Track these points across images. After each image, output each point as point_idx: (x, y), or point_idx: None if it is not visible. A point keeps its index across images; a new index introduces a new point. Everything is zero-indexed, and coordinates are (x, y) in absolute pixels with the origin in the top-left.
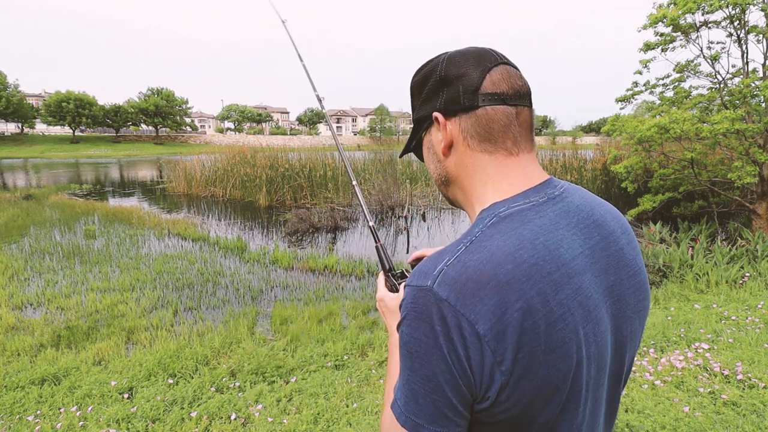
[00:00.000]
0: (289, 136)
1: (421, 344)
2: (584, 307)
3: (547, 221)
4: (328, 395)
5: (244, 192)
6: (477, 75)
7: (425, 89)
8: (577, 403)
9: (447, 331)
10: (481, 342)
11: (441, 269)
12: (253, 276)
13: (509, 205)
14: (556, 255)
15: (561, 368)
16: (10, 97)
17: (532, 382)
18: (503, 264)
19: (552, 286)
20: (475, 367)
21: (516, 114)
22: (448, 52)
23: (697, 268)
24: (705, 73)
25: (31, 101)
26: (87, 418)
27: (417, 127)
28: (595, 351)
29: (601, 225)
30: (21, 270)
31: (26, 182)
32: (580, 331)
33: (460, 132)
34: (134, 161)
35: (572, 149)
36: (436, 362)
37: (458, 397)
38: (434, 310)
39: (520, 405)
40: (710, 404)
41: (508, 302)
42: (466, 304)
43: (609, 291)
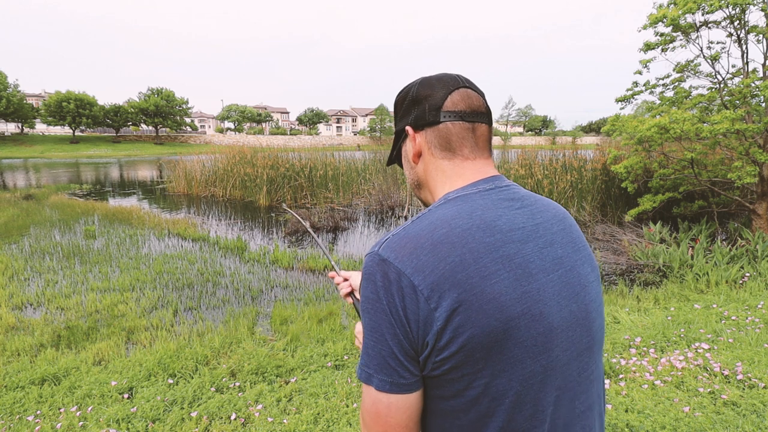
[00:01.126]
0: (289, 136)
1: (369, 300)
2: (524, 268)
3: (489, 201)
4: (328, 395)
5: (244, 192)
6: (440, 96)
7: (402, 107)
8: (524, 359)
9: (387, 286)
10: (416, 292)
11: (387, 237)
12: (253, 276)
13: (458, 192)
14: (492, 224)
15: (498, 318)
16: (10, 97)
17: (470, 330)
18: (439, 228)
19: (485, 247)
20: (411, 316)
21: (473, 129)
22: (420, 78)
23: (697, 268)
24: (705, 73)
25: (31, 101)
26: (87, 418)
27: (396, 138)
28: (542, 310)
29: (543, 211)
30: (21, 270)
31: (26, 182)
32: (519, 289)
33: (425, 143)
34: (134, 161)
35: (572, 149)
36: (379, 314)
37: (398, 346)
38: (377, 269)
39: (461, 354)
40: (710, 404)
41: (440, 257)
42: (403, 261)
43: (559, 261)
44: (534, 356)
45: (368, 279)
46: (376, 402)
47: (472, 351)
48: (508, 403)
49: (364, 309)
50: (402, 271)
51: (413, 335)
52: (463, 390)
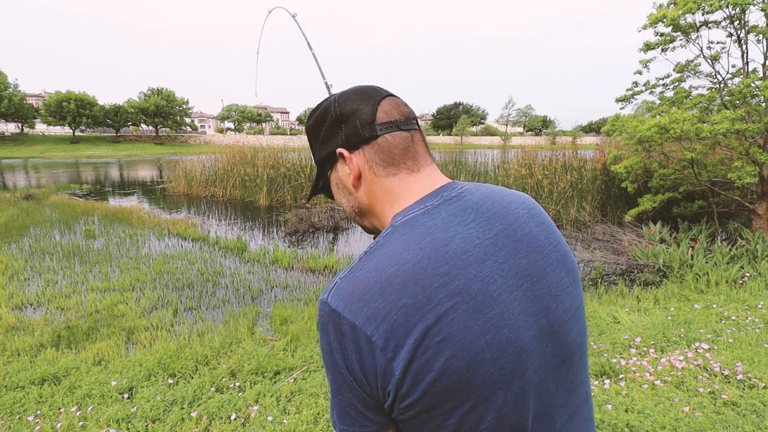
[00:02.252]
0: (290, 136)
1: (324, 352)
2: (484, 294)
3: (438, 221)
4: (328, 395)
5: (244, 192)
6: (369, 108)
7: (322, 130)
8: (494, 391)
9: (340, 338)
10: (370, 344)
11: (335, 282)
12: (253, 276)
13: (405, 213)
14: (445, 250)
15: (460, 357)
16: (11, 97)
17: (431, 374)
18: (387, 268)
19: (439, 281)
20: (368, 368)
21: (411, 137)
22: (335, 94)
23: (697, 268)
24: (705, 73)
25: (31, 101)
26: (87, 418)
27: (321, 168)
28: (508, 336)
29: (503, 215)
30: (21, 270)
31: (26, 182)
32: (479, 319)
33: (365, 162)
34: (134, 161)
35: (572, 149)
36: (334, 367)
37: (357, 398)
38: (329, 320)
39: (425, 398)
40: (710, 404)
41: (391, 302)
42: (353, 311)
43: (524, 273)
44: (505, 386)
45: (322, 330)
46: None
47: (436, 395)
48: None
49: (323, 359)
50: (353, 323)
51: (372, 387)
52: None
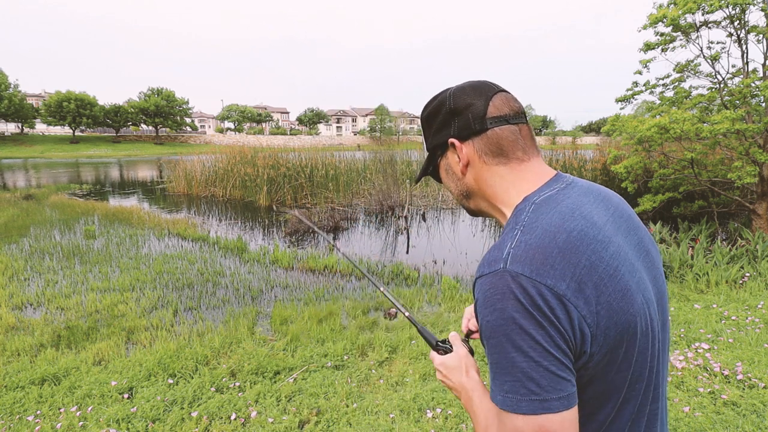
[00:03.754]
0: (289, 136)
1: (514, 320)
2: (627, 261)
3: (575, 199)
4: (328, 395)
5: (244, 192)
6: (482, 103)
7: (437, 121)
8: (646, 344)
9: (532, 300)
10: (563, 302)
11: (508, 252)
12: (253, 276)
13: (539, 194)
14: (593, 221)
15: (632, 312)
16: (11, 97)
17: (614, 330)
18: (558, 234)
19: (602, 245)
20: (565, 325)
21: (519, 130)
22: (451, 88)
23: (697, 268)
24: (705, 73)
25: (31, 101)
26: (87, 418)
27: (432, 154)
28: (647, 298)
29: (609, 198)
30: (21, 270)
31: (26, 182)
32: (634, 278)
33: (475, 152)
34: (134, 161)
35: (572, 149)
36: (534, 330)
37: (564, 355)
38: (514, 285)
39: (607, 355)
40: (710, 404)
41: (574, 263)
42: (541, 273)
43: (638, 247)
44: (650, 340)
45: (505, 298)
46: (553, 427)
47: (618, 342)
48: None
49: (508, 332)
50: (543, 283)
51: (572, 343)
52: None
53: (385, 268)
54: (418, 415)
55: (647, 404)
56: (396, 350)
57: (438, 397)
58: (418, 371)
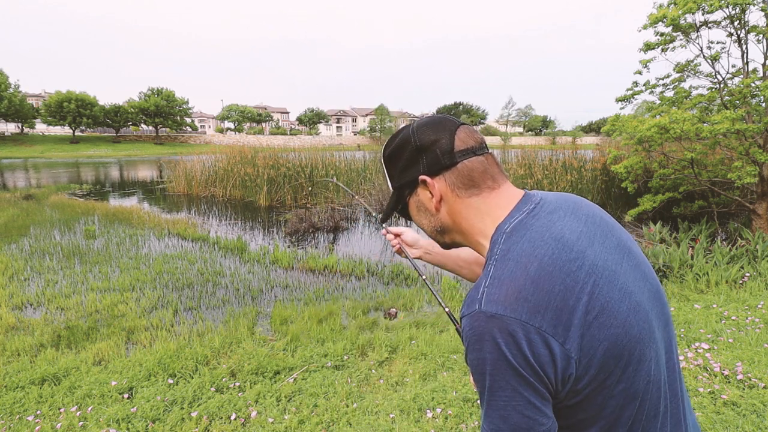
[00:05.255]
0: (289, 136)
1: (491, 361)
2: (608, 268)
3: (543, 220)
4: (328, 395)
5: (244, 192)
6: (447, 138)
7: (402, 159)
8: (642, 354)
9: (508, 340)
10: (541, 335)
11: (482, 291)
12: (253, 276)
13: (509, 221)
14: (564, 241)
15: (615, 325)
16: (11, 97)
17: (600, 348)
18: (529, 264)
19: (574, 263)
20: (544, 360)
21: (485, 159)
22: (411, 125)
23: (697, 268)
24: (705, 73)
25: (31, 101)
26: (87, 418)
27: (400, 192)
28: (638, 299)
29: (579, 207)
30: (21, 270)
31: (26, 182)
32: (615, 288)
33: (447, 186)
34: (134, 161)
35: (572, 149)
36: (506, 371)
37: (536, 395)
38: (491, 326)
39: (596, 374)
40: (710, 404)
41: (547, 292)
42: (516, 309)
43: (619, 248)
44: (648, 343)
45: (482, 339)
46: None
47: (606, 364)
48: (640, 397)
49: (485, 371)
50: (519, 320)
51: (548, 377)
52: (605, 402)
53: (385, 268)
54: (418, 415)
55: (649, 412)
56: (396, 350)
57: (438, 397)
58: (418, 371)
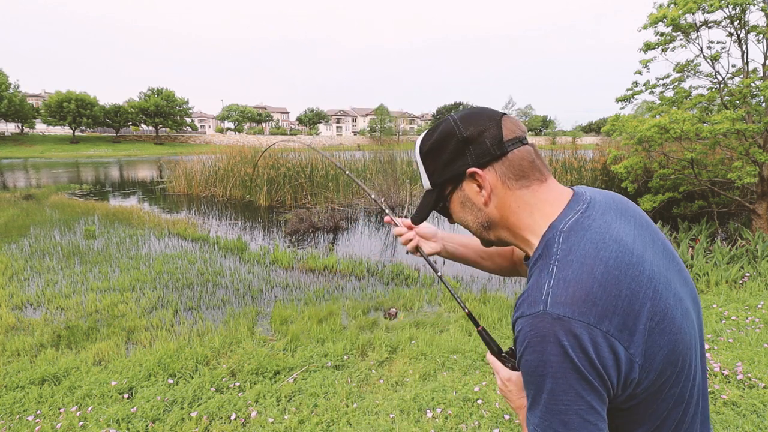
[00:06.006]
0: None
1: (552, 363)
2: (662, 274)
3: (600, 221)
4: (328, 395)
5: (244, 192)
6: (495, 127)
7: (445, 153)
8: (690, 359)
9: (573, 343)
10: (607, 339)
11: (547, 293)
12: (253, 276)
13: (563, 220)
14: (624, 244)
15: (673, 331)
16: (11, 97)
17: (660, 354)
18: (596, 266)
19: (637, 268)
20: (608, 363)
21: (532, 150)
22: (452, 117)
23: (697, 268)
24: (705, 73)
25: (31, 101)
26: (87, 418)
27: (442, 188)
28: (686, 306)
29: (627, 208)
30: (21, 270)
31: (26, 182)
32: (671, 294)
33: (497, 178)
34: (134, 161)
35: (572, 149)
36: (570, 374)
37: (597, 399)
38: (556, 328)
39: (654, 379)
40: (710, 404)
41: (615, 295)
42: (583, 313)
43: (665, 254)
44: (694, 348)
45: (545, 341)
46: None
47: (663, 368)
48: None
49: (545, 373)
50: (587, 323)
51: (613, 383)
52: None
53: (385, 268)
54: (418, 415)
55: (691, 411)
56: (396, 350)
57: (438, 397)
58: (418, 371)
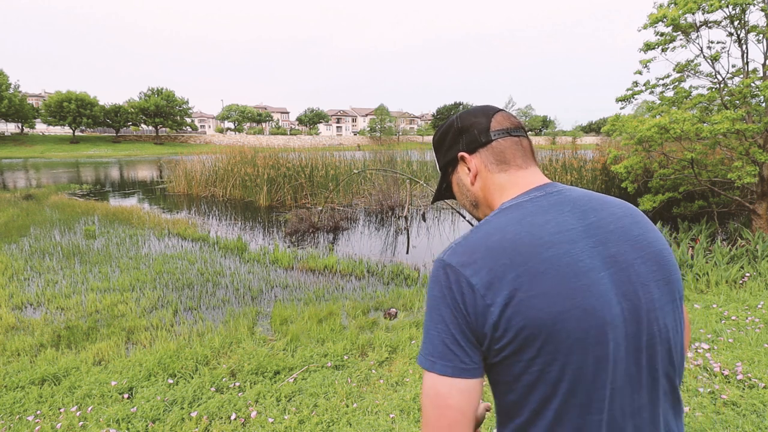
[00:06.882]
0: (289, 136)
1: (435, 297)
2: (572, 267)
3: (539, 208)
4: (328, 395)
5: (244, 192)
6: (485, 120)
7: (446, 141)
8: (575, 350)
9: (450, 285)
10: (473, 290)
11: (451, 246)
12: (253, 276)
13: (512, 201)
14: (542, 229)
15: (547, 311)
16: (12, 98)
17: (521, 322)
18: (493, 235)
19: (533, 250)
20: (470, 309)
21: (519, 141)
22: (457, 113)
23: (697, 268)
24: (705, 73)
25: (31, 101)
26: (87, 418)
27: (444, 171)
28: (594, 305)
29: (599, 209)
30: (21, 270)
31: (26, 182)
32: (567, 285)
33: (482, 162)
34: (134, 161)
35: (572, 149)
36: (443, 308)
37: (461, 334)
38: (443, 272)
39: (515, 342)
40: (710, 404)
41: (493, 260)
42: (463, 265)
43: (612, 260)
44: (585, 348)
45: (435, 280)
46: (436, 385)
47: (525, 340)
48: (563, 388)
49: (431, 305)
50: (462, 273)
51: (473, 325)
52: (521, 374)
53: (385, 268)
54: (418, 416)
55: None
56: (396, 350)
57: None
58: (418, 371)
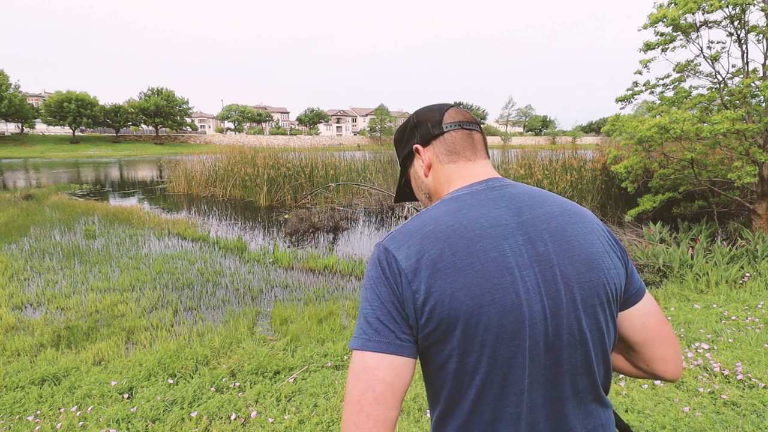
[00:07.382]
0: (289, 136)
1: (372, 278)
2: (499, 262)
3: (476, 201)
4: (328, 395)
5: (244, 192)
6: (438, 114)
7: (405, 135)
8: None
9: (385, 267)
10: (401, 274)
11: (392, 232)
12: (253, 276)
13: (454, 193)
14: (474, 222)
15: (468, 304)
16: (12, 98)
17: (443, 312)
18: (428, 224)
19: (465, 241)
20: (400, 292)
21: (470, 135)
22: (416, 110)
23: (697, 268)
24: (705, 73)
25: (31, 101)
26: (87, 418)
27: (403, 166)
28: (514, 301)
29: (535, 207)
30: (21, 270)
31: (26, 182)
32: (491, 280)
33: (434, 153)
34: (134, 161)
35: (572, 149)
36: (380, 287)
37: (395, 311)
38: (382, 255)
39: (437, 331)
40: (710, 404)
41: (424, 249)
42: (397, 248)
43: (539, 258)
44: (501, 342)
45: (373, 262)
46: (366, 359)
47: (446, 331)
48: (478, 380)
49: (368, 285)
50: (396, 257)
51: (403, 305)
52: (444, 363)
53: None
54: (418, 415)
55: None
56: None
57: None
58: (418, 371)
